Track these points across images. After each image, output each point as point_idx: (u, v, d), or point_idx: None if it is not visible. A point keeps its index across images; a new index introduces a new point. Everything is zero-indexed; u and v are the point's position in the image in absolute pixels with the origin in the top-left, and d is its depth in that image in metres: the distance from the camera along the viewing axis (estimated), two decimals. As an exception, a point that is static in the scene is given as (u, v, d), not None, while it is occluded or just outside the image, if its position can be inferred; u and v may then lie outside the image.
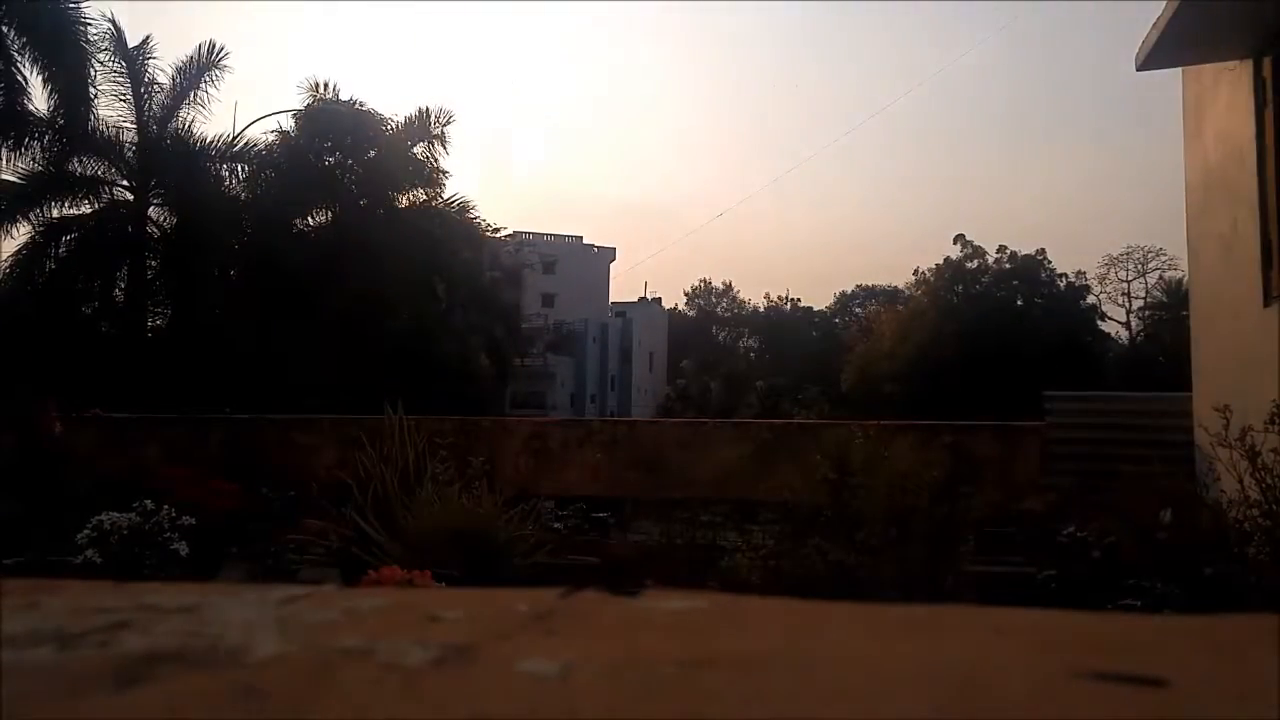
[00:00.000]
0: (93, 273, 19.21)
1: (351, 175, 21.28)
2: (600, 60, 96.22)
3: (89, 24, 18.11)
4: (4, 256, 18.88)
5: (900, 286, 53.23)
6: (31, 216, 18.61)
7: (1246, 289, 6.79)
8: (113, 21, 18.75)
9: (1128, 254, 49.93)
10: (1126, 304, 50.08)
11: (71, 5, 17.79)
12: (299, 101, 21.40)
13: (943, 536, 6.18)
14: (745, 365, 61.72)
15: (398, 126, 21.50)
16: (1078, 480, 8.52)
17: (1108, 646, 0.68)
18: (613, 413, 53.87)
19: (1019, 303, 39.10)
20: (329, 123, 20.93)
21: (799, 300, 66.30)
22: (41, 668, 0.63)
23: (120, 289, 19.71)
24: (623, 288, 76.55)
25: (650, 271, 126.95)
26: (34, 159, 18.25)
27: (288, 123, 21.23)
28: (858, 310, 60.97)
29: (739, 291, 69.70)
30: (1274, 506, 5.04)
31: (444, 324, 21.40)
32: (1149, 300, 48.90)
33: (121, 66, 19.08)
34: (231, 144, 20.23)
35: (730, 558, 6.70)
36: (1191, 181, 8.24)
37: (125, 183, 19.55)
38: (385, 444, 7.52)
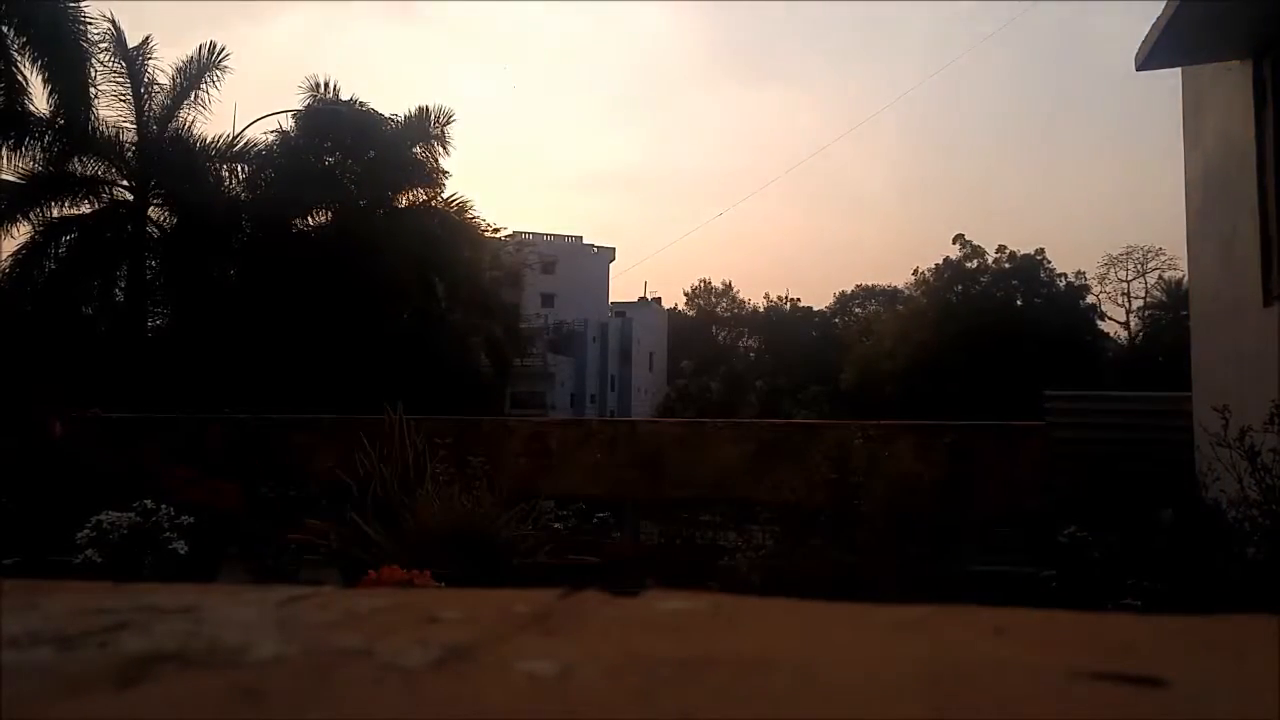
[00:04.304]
0: (93, 273, 19.20)
1: (351, 175, 21.26)
2: (600, 59, 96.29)
3: (89, 24, 18.12)
4: (4, 256, 18.91)
5: (900, 286, 53.26)
6: (31, 216, 18.61)
7: (1246, 289, 6.79)
8: (113, 21, 18.78)
9: (1128, 254, 49.96)
10: (1126, 304, 50.11)
11: (71, 5, 17.79)
12: (299, 101, 21.41)
13: (943, 536, 6.18)
14: (745, 365, 61.71)
15: (398, 126, 21.49)
16: (1078, 480, 8.52)
17: (1108, 646, 0.68)
18: (613, 413, 53.86)
19: (1019, 303, 39.10)
20: (329, 123, 20.91)
21: (799, 300, 66.28)
22: (41, 668, 0.63)
23: (120, 289, 19.70)
24: (623, 288, 76.57)
25: (650, 271, 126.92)
26: (34, 159, 18.26)
27: (288, 123, 21.24)
28: (858, 310, 60.96)
29: (739, 291, 69.71)
30: (1274, 506, 5.04)
31: (444, 324, 21.38)
32: (1149, 300, 48.89)
33: (121, 66, 19.07)
34: (231, 144, 20.25)
35: (730, 558, 6.71)
36: (1191, 181, 8.24)
37: (125, 183, 19.55)
38: (385, 444, 7.52)
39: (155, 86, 19.52)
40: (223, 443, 11.41)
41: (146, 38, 19.53)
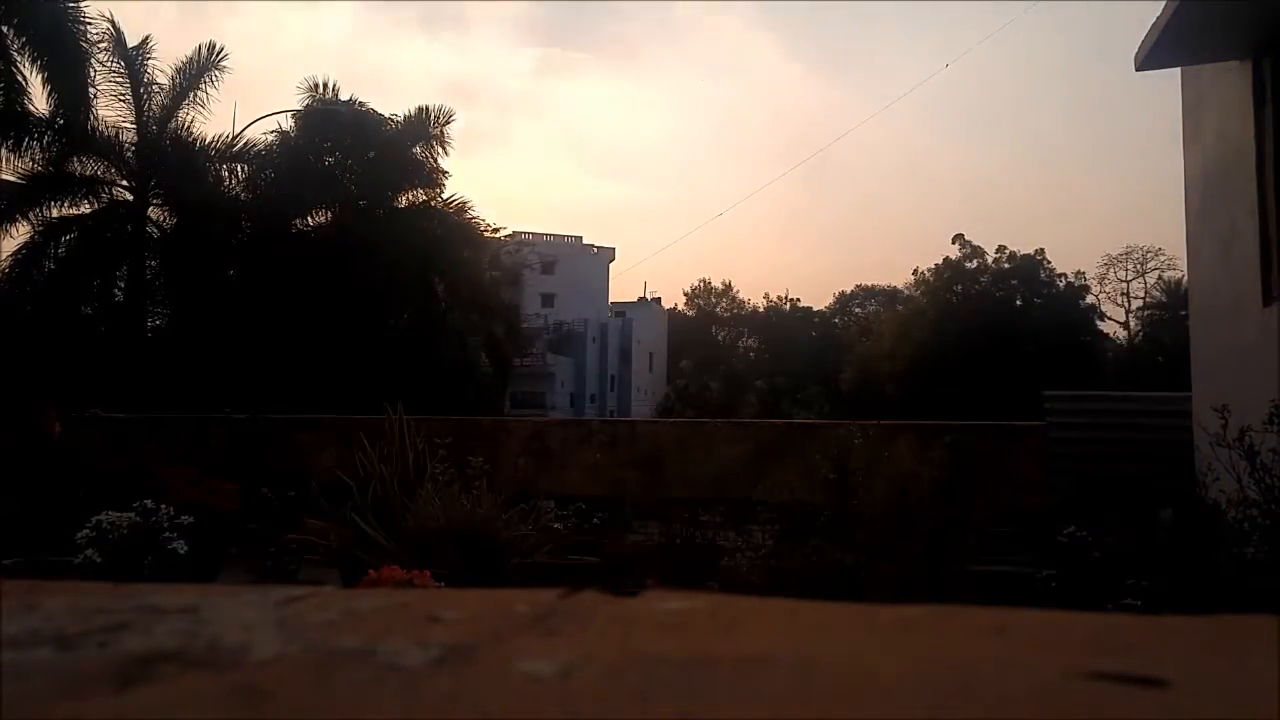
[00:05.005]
0: (93, 273, 19.20)
1: (351, 175, 21.26)
2: (599, 59, 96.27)
3: (88, 24, 18.13)
4: (4, 256, 18.91)
5: (900, 286, 53.26)
6: (31, 216, 18.61)
7: (1246, 289, 6.79)
8: (112, 21, 18.78)
9: (1127, 254, 49.97)
10: (1126, 304, 50.11)
11: (71, 5, 17.79)
12: (298, 101, 21.41)
13: (943, 536, 6.18)
14: (745, 365, 61.68)
15: (397, 126, 21.49)
16: (1078, 480, 8.52)
17: (1108, 646, 0.68)
18: (613, 413, 53.85)
19: (1018, 303, 39.11)
20: (329, 123, 20.92)
21: (799, 300, 66.20)
22: (41, 668, 0.63)
23: (120, 289, 19.70)
24: (623, 288, 76.48)
25: (650, 271, 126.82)
26: (34, 159, 18.26)
27: (287, 123, 21.24)
28: (857, 310, 60.95)
29: (739, 291, 69.64)
30: (1273, 506, 5.04)
31: (444, 324, 21.37)
32: (1148, 300, 48.88)
33: (121, 66, 19.08)
34: (231, 144, 20.25)
35: (730, 558, 6.71)
36: (1191, 181, 8.24)
37: (125, 183, 19.55)
38: (385, 444, 7.53)
39: (155, 86, 19.54)
40: (223, 443, 11.41)
41: (146, 38, 19.56)
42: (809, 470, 6.96)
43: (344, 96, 21.55)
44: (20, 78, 17.26)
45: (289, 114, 21.30)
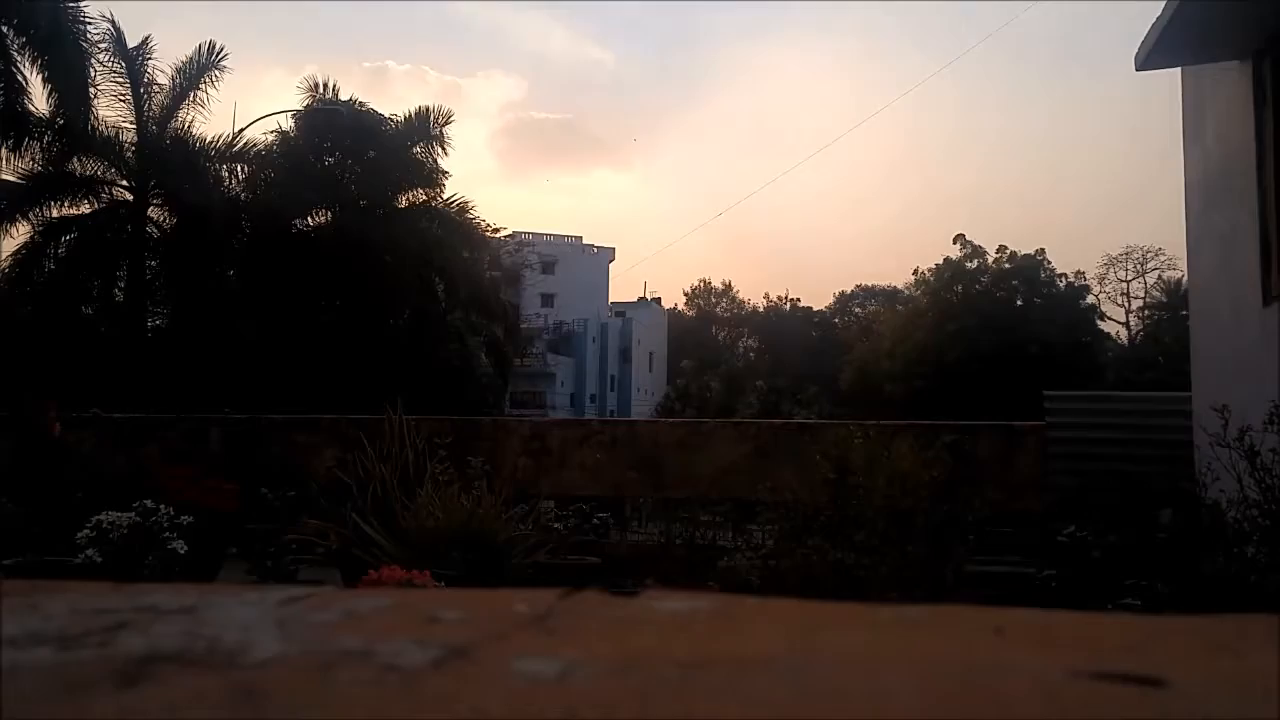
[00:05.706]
0: (92, 273, 19.21)
1: (351, 175, 21.26)
2: (598, 58, 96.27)
3: (88, 24, 18.13)
4: (4, 256, 18.91)
5: (900, 286, 53.27)
6: (31, 216, 18.62)
7: (1246, 289, 6.79)
8: (112, 21, 18.78)
9: (1127, 254, 49.96)
10: (1126, 304, 50.12)
11: (71, 5, 17.79)
12: (299, 101, 21.41)
13: (943, 536, 6.18)
14: (745, 365, 61.68)
15: (397, 127, 21.49)
16: (1078, 480, 8.51)
17: (1108, 646, 0.68)
18: (612, 413, 53.88)
19: (1019, 303, 39.07)
20: (329, 123, 20.91)
21: (799, 300, 66.25)
22: (41, 668, 0.63)
23: (120, 289, 19.71)
24: (623, 288, 76.40)
25: (650, 271, 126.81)
26: (34, 159, 18.25)
27: (287, 123, 21.24)
28: (858, 310, 60.97)
29: (739, 291, 69.68)
30: (1273, 506, 5.04)
31: (444, 324, 21.37)
32: (1149, 300, 48.88)
33: (121, 66, 19.08)
34: (231, 144, 20.24)
35: (730, 558, 6.71)
36: (1191, 181, 8.24)
37: (125, 183, 19.54)
38: (385, 444, 7.53)
39: (155, 86, 19.54)
40: (223, 443, 11.41)
41: (146, 38, 19.56)
42: (809, 470, 6.95)
43: (344, 96, 21.58)
44: (20, 78, 17.25)
45: (289, 114, 21.34)
